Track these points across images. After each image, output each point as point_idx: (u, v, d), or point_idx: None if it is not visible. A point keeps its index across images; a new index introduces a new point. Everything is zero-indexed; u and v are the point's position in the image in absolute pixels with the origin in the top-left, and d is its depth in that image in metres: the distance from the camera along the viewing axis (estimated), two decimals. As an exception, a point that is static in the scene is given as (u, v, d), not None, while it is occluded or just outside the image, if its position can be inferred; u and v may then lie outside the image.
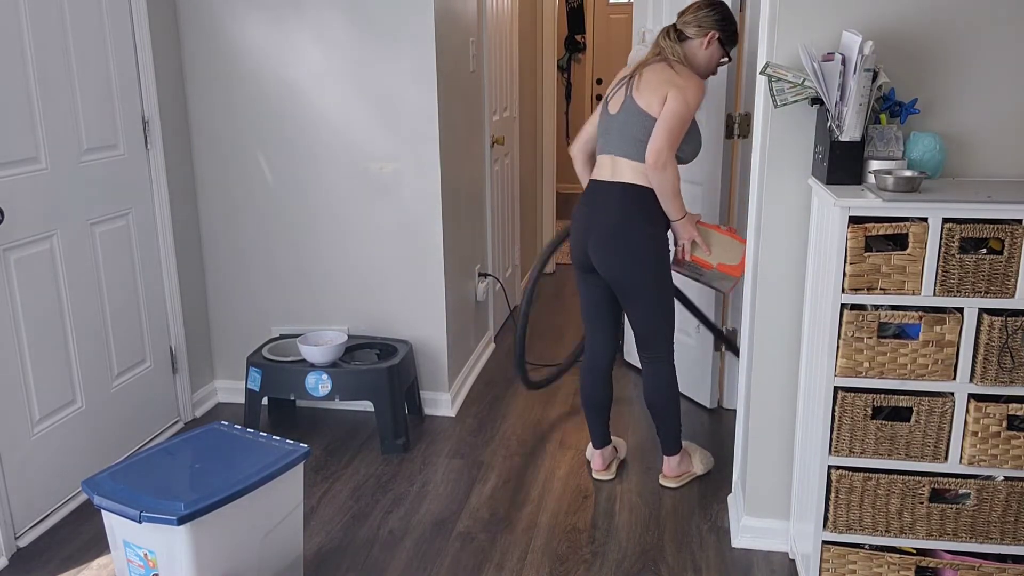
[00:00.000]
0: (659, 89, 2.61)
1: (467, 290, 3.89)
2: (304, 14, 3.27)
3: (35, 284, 2.71)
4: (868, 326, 2.07)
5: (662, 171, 2.59)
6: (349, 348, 3.38)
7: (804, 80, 2.15)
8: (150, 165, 3.24)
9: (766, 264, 2.43)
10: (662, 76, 2.63)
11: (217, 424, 2.50)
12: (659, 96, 2.60)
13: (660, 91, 2.60)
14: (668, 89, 2.59)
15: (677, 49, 2.67)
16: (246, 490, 2.16)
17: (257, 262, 3.57)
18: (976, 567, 2.19)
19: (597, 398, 3.00)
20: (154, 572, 2.13)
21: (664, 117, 2.58)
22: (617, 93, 2.73)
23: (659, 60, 2.69)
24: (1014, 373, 2.04)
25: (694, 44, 2.68)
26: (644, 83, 2.65)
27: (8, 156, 2.58)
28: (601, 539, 2.70)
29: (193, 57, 3.38)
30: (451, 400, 3.61)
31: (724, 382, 3.61)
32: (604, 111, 2.77)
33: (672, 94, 2.58)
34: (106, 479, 2.18)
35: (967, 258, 1.99)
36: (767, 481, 2.58)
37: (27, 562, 2.61)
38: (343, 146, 3.38)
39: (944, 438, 2.12)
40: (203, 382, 3.66)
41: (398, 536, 2.72)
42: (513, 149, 4.83)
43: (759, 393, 2.53)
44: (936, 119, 2.24)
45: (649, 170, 2.60)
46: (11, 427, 2.64)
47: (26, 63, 2.63)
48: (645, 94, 2.63)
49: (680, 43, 2.68)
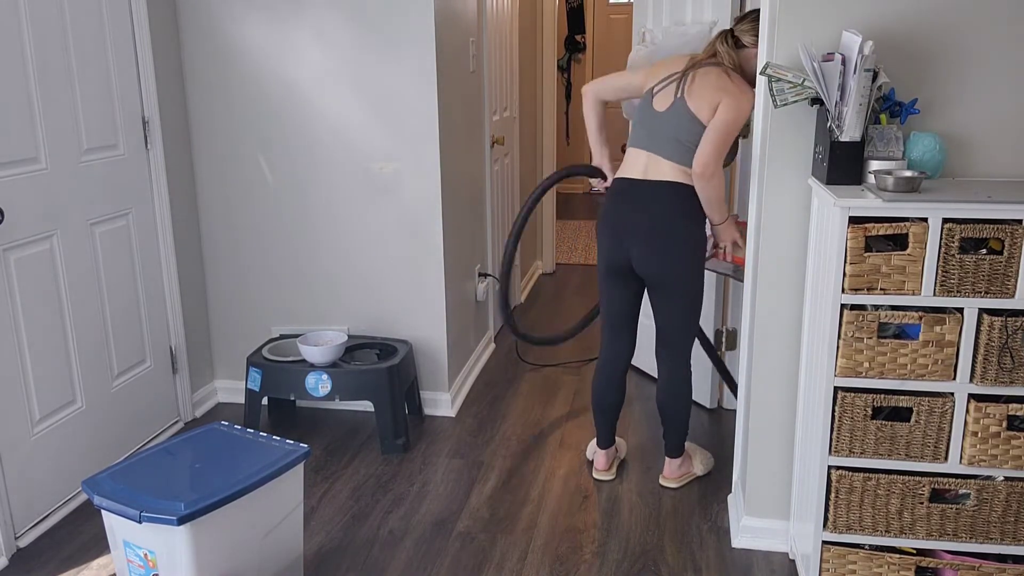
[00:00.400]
0: (712, 96, 2.57)
1: (467, 290, 3.89)
2: (304, 14, 3.27)
3: (35, 284, 2.71)
4: (868, 326, 2.07)
5: (709, 180, 2.58)
6: (349, 348, 3.38)
7: (804, 80, 2.15)
8: (150, 165, 3.24)
9: (766, 264, 2.43)
10: (717, 83, 2.59)
11: (217, 424, 2.50)
12: (711, 103, 2.56)
13: (713, 98, 2.57)
14: (722, 97, 2.56)
15: (734, 56, 2.64)
16: (246, 490, 2.16)
17: (257, 262, 3.57)
18: (976, 567, 2.19)
19: (609, 401, 3.00)
20: (154, 572, 2.13)
21: (716, 127, 2.55)
22: (665, 90, 2.66)
23: (713, 64, 2.64)
24: (1014, 373, 2.04)
25: (750, 52, 2.63)
26: (697, 86, 2.60)
27: (8, 156, 2.58)
28: (601, 539, 2.70)
29: (193, 57, 3.38)
30: (451, 400, 3.61)
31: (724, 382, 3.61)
32: (647, 105, 2.70)
33: (726, 103, 2.55)
34: (106, 479, 2.18)
35: (967, 258, 1.99)
36: (767, 481, 2.58)
37: (27, 562, 2.61)
38: (343, 146, 3.38)
39: (944, 438, 2.12)
40: (203, 382, 3.66)
41: (398, 536, 2.72)
42: (513, 149, 4.83)
43: (759, 393, 2.53)
44: (936, 119, 2.24)
45: (697, 179, 2.59)
46: (11, 427, 2.64)
47: (26, 63, 2.63)
48: (696, 98, 2.59)
49: (737, 50, 2.65)
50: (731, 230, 2.76)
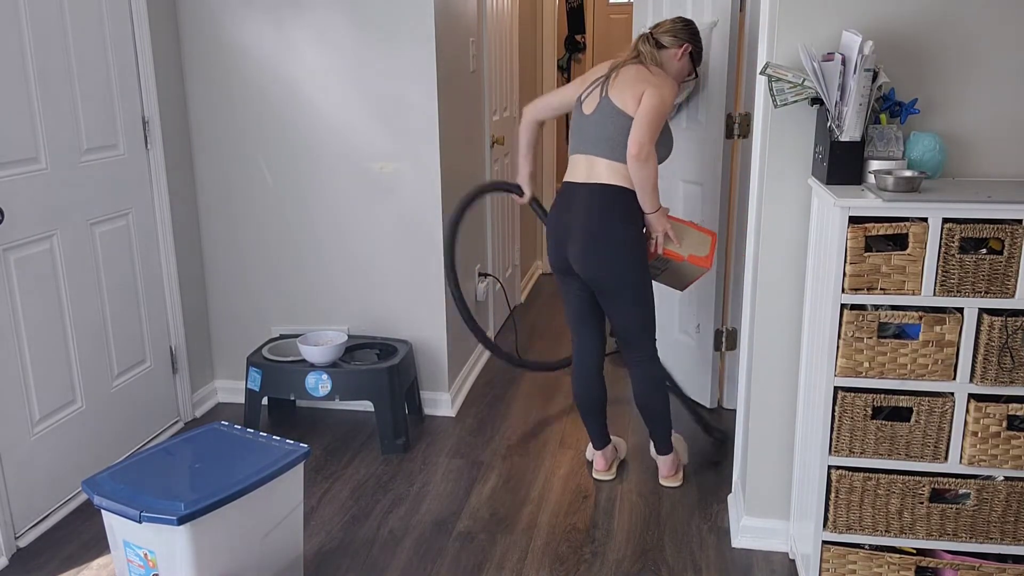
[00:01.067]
0: (635, 87, 2.67)
1: (467, 290, 3.88)
2: (304, 14, 3.27)
3: (35, 284, 2.71)
4: (868, 326, 2.07)
5: (644, 163, 2.62)
6: (349, 348, 3.38)
7: (804, 80, 2.15)
8: (150, 165, 3.24)
9: (766, 264, 2.43)
10: (638, 76, 2.71)
11: (217, 424, 2.50)
12: (635, 94, 2.66)
13: (636, 89, 2.66)
14: (644, 87, 2.66)
15: (655, 54, 2.79)
16: (246, 490, 2.16)
17: (257, 262, 3.57)
18: (976, 567, 2.19)
19: (591, 399, 3.00)
20: (154, 572, 2.13)
21: (642, 112, 2.63)
22: (592, 93, 2.77)
23: (635, 62, 2.77)
24: (1014, 373, 2.04)
25: (669, 53, 2.81)
26: (619, 83, 2.71)
27: (8, 156, 2.58)
28: (601, 539, 2.70)
29: (193, 57, 3.38)
30: (451, 400, 3.61)
31: (724, 382, 3.61)
32: (578, 111, 2.81)
33: (649, 92, 2.65)
34: (106, 479, 2.18)
35: (967, 258, 1.99)
36: (767, 481, 2.58)
37: (27, 562, 2.61)
38: (343, 146, 3.38)
39: (944, 438, 2.12)
40: (203, 382, 3.66)
41: (398, 536, 2.72)
42: (513, 149, 4.83)
43: (759, 393, 2.53)
44: (936, 119, 2.24)
45: (632, 161, 2.63)
46: (11, 427, 2.64)
47: (26, 63, 2.63)
48: (620, 93, 2.68)
49: (658, 50, 2.79)
50: (663, 220, 2.78)
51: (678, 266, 2.86)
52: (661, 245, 2.82)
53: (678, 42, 2.80)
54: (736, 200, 3.38)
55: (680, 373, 3.70)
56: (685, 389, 3.63)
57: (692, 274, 2.90)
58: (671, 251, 2.82)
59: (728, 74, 3.22)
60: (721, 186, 3.36)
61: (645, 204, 2.70)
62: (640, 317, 2.80)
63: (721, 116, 3.29)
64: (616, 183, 2.68)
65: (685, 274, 2.91)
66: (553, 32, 5.69)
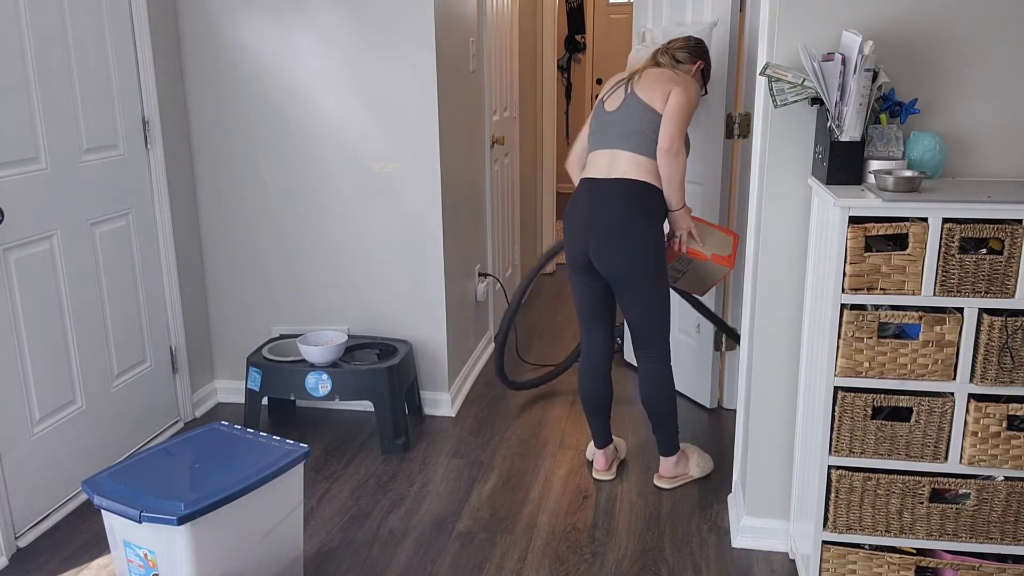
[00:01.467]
0: (663, 86, 2.72)
1: (467, 290, 3.88)
2: (304, 14, 3.27)
3: (35, 284, 2.71)
4: (868, 326, 2.07)
5: (675, 158, 2.66)
6: (349, 348, 3.38)
7: (804, 80, 2.15)
8: (150, 165, 3.24)
9: (766, 264, 2.43)
10: (663, 75, 2.77)
11: (217, 424, 2.50)
12: (662, 92, 2.71)
13: (663, 87, 2.72)
14: (671, 86, 2.71)
15: (674, 67, 2.85)
16: (246, 490, 2.16)
17: (257, 262, 3.57)
18: (976, 567, 2.20)
19: (597, 398, 3.00)
20: (154, 572, 2.13)
21: (671, 108, 2.68)
22: (615, 93, 2.81)
23: (658, 67, 2.82)
24: (1014, 373, 2.04)
25: (684, 68, 2.86)
26: (645, 81, 2.76)
27: (8, 156, 2.58)
28: (601, 539, 2.70)
29: (193, 57, 3.38)
30: (451, 400, 3.61)
31: (724, 382, 3.61)
32: (599, 112, 2.83)
33: (676, 90, 2.71)
34: (106, 479, 2.18)
35: (967, 258, 1.99)
36: (767, 481, 2.58)
37: (27, 562, 2.61)
38: (343, 146, 3.38)
39: (944, 438, 2.12)
40: (203, 382, 3.66)
41: (398, 536, 2.72)
42: (513, 149, 4.83)
43: (759, 393, 2.53)
44: (936, 119, 2.24)
45: (662, 155, 2.66)
46: (11, 427, 2.64)
47: (26, 63, 2.63)
48: (647, 89, 2.73)
49: (675, 64, 2.86)
50: (687, 219, 2.80)
51: (700, 266, 2.86)
52: (684, 243, 2.82)
53: (692, 59, 2.87)
54: (736, 200, 3.38)
55: (680, 373, 3.70)
56: (685, 389, 3.63)
57: (715, 274, 2.90)
58: (694, 250, 2.82)
59: (728, 74, 3.23)
60: (721, 186, 3.36)
61: (672, 200, 2.73)
62: (654, 315, 2.80)
63: (721, 116, 3.29)
64: (639, 178, 2.70)
65: (708, 274, 2.90)
66: (553, 32, 5.69)
